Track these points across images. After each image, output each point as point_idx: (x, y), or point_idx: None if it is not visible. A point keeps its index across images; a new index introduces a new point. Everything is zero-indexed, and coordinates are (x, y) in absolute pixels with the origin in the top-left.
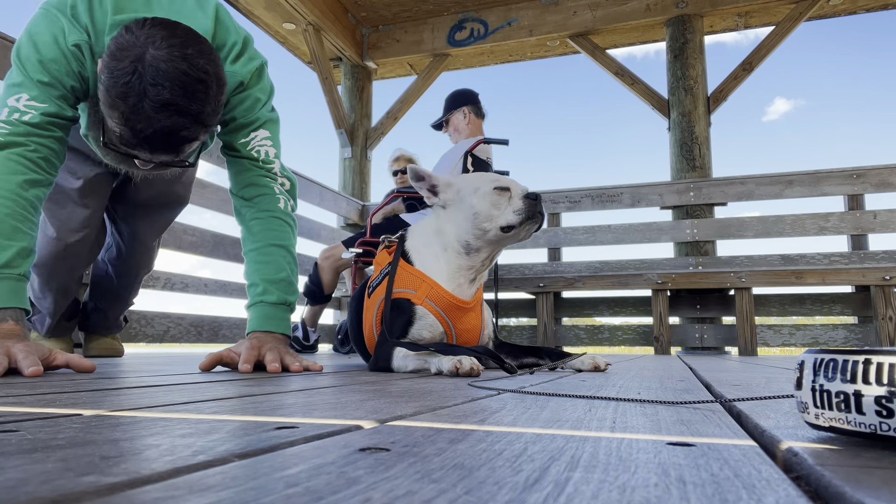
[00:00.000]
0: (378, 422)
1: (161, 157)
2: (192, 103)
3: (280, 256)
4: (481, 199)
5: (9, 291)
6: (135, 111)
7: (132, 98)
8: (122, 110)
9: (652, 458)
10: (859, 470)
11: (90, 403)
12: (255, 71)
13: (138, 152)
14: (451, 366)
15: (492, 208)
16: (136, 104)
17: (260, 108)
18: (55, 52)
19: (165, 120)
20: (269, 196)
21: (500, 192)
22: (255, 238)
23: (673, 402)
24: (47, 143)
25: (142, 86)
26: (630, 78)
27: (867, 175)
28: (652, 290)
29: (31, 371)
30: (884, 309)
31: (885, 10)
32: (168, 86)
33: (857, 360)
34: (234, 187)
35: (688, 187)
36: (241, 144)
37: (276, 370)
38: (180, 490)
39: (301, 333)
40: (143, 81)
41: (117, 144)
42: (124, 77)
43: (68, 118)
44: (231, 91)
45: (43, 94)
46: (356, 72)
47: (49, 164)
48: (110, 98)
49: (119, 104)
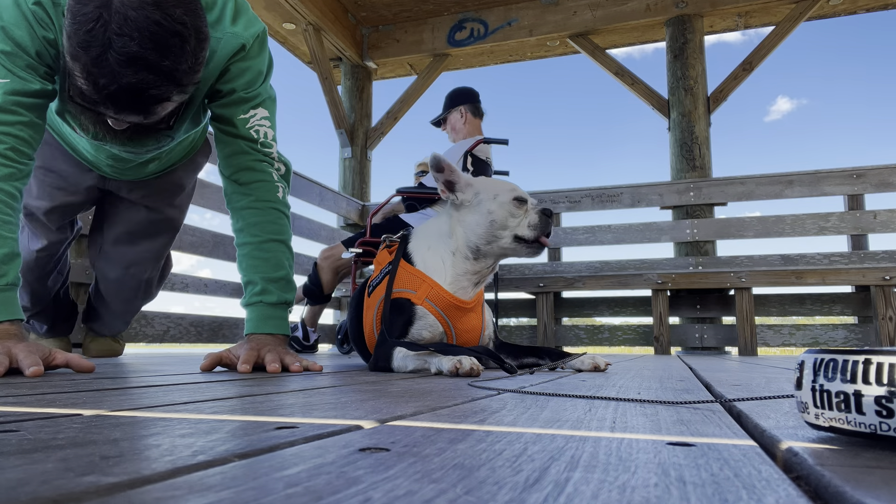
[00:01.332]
0: (378, 422)
1: (129, 118)
2: (164, 58)
3: (280, 252)
4: (500, 207)
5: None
6: (97, 63)
7: (95, 48)
8: (84, 62)
9: (652, 458)
10: (859, 470)
11: (90, 403)
12: (257, 36)
13: (102, 110)
14: (451, 366)
15: (509, 217)
16: (99, 56)
17: (261, 83)
18: (14, 14)
19: (132, 76)
20: (268, 184)
21: (518, 204)
22: (251, 231)
23: (673, 402)
24: (13, 130)
25: (106, 35)
26: (630, 78)
27: (867, 175)
28: (652, 290)
29: (32, 371)
30: (884, 309)
31: (885, 10)
32: (137, 37)
33: (857, 360)
34: (226, 169)
35: (688, 187)
36: (240, 121)
37: (276, 370)
38: (180, 490)
39: (301, 333)
40: (107, 30)
41: (79, 101)
42: (87, 24)
43: (36, 93)
44: (230, 56)
45: (3, 66)
46: (356, 72)
47: (19, 153)
48: (72, 46)
49: (80, 54)
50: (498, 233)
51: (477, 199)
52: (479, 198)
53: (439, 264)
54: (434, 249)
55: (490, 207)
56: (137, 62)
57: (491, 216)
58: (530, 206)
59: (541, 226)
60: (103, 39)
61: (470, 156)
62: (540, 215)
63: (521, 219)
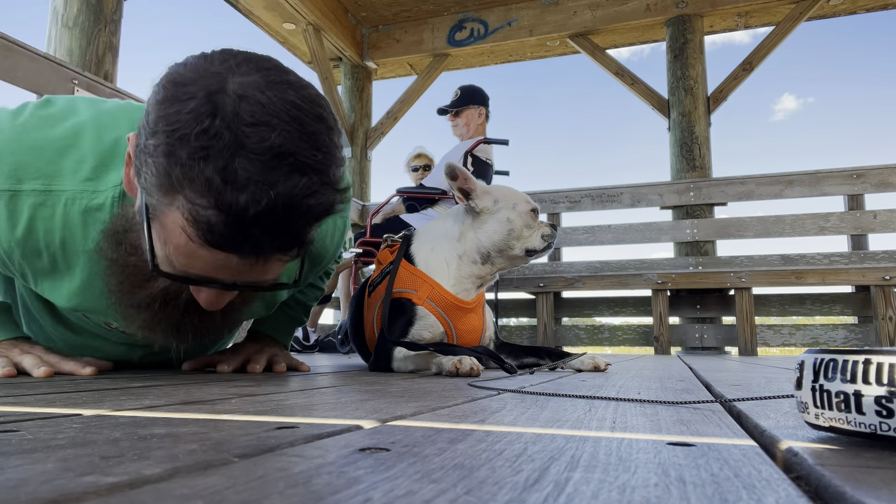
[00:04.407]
0: (378, 422)
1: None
2: (316, 150)
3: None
4: (518, 217)
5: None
6: (227, 174)
7: (220, 154)
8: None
9: (652, 458)
10: (859, 470)
11: (90, 403)
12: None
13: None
14: (451, 366)
15: (524, 227)
16: (228, 163)
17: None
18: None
19: (283, 180)
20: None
21: (534, 215)
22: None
23: (673, 402)
24: None
25: (233, 131)
26: (630, 78)
27: (867, 175)
28: (652, 290)
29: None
30: (884, 309)
31: (885, 10)
32: (277, 125)
33: (857, 360)
34: None
35: (688, 187)
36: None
37: (255, 371)
38: (180, 490)
39: (301, 333)
40: (233, 124)
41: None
42: (200, 122)
43: None
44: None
45: None
46: (356, 72)
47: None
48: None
49: (195, 171)
50: (512, 242)
51: (496, 206)
52: (497, 206)
53: (442, 266)
54: (438, 251)
55: (510, 216)
56: (285, 160)
57: (510, 225)
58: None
59: (552, 238)
60: (230, 138)
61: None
62: (551, 228)
63: (535, 230)
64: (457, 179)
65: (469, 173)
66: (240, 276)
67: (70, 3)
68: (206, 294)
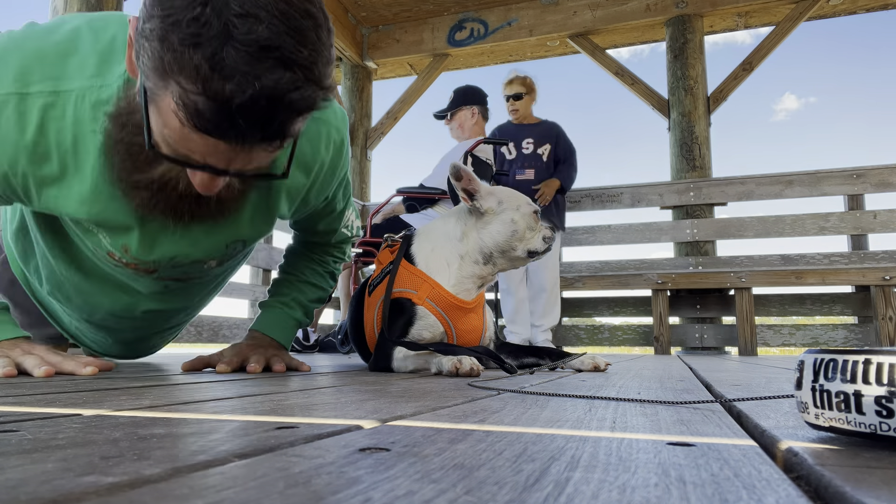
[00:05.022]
0: (378, 422)
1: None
2: (302, 46)
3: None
4: (522, 218)
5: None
6: (215, 63)
7: (209, 42)
8: (193, 65)
9: (652, 458)
10: (859, 470)
11: (90, 403)
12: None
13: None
14: (451, 366)
15: (528, 229)
16: (217, 52)
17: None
18: None
19: (267, 73)
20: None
21: (536, 217)
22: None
23: (673, 402)
24: None
25: (222, 20)
26: (630, 78)
27: (867, 175)
28: (652, 290)
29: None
30: (884, 309)
31: (885, 10)
32: (265, 17)
33: (857, 360)
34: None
35: (688, 187)
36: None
37: (254, 371)
38: (180, 490)
39: (301, 333)
40: (223, 13)
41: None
42: (191, 9)
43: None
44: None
45: None
46: (356, 72)
47: None
48: (168, 52)
49: (186, 57)
50: (515, 244)
51: (500, 207)
52: (502, 206)
53: (443, 266)
54: (439, 251)
55: (514, 217)
56: (270, 53)
57: (514, 226)
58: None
59: (551, 241)
60: (219, 27)
61: (470, 156)
62: (551, 231)
63: (537, 232)
64: (461, 180)
65: (473, 174)
66: (229, 163)
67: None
68: (200, 177)
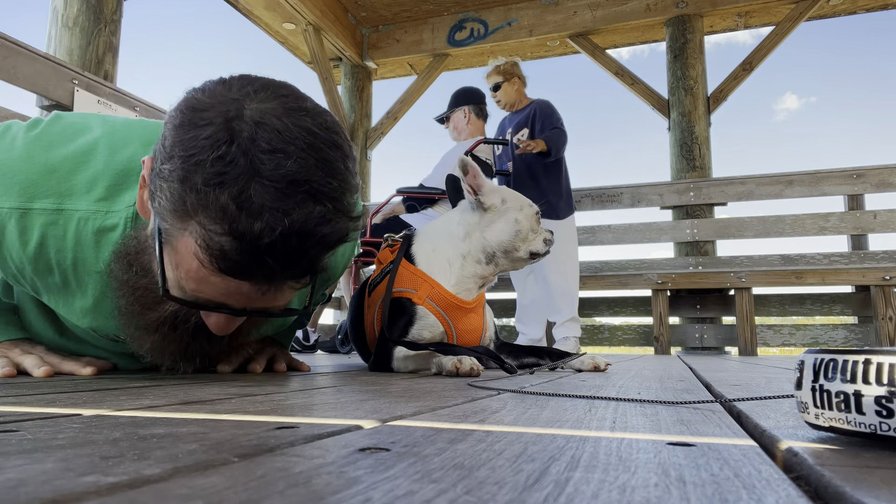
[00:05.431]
0: (378, 422)
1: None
2: (331, 178)
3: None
4: (526, 219)
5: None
6: (241, 201)
7: (235, 181)
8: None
9: (652, 458)
10: (859, 470)
11: (90, 403)
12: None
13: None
14: (451, 366)
15: (530, 230)
16: (243, 190)
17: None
18: None
19: (297, 208)
20: None
21: (538, 219)
22: None
23: (673, 402)
24: None
25: (249, 157)
26: (630, 78)
27: (867, 175)
28: (652, 290)
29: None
30: (884, 309)
31: (884, 10)
32: (293, 152)
33: (857, 360)
34: None
35: (688, 187)
36: None
37: (255, 370)
38: (180, 490)
39: (301, 333)
40: (250, 151)
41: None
42: (216, 148)
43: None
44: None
45: None
46: (356, 72)
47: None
48: (191, 193)
49: (210, 197)
50: (518, 244)
51: (504, 206)
52: (506, 205)
53: (445, 266)
54: (440, 251)
55: (517, 217)
56: (299, 187)
57: (518, 226)
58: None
59: (551, 243)
60: (246, 164)
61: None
62: (551, 234)
63: (539, 234)
64: (467, 174)
65: (479, 170)
66: (250, 302)
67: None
68: (216, 319)
